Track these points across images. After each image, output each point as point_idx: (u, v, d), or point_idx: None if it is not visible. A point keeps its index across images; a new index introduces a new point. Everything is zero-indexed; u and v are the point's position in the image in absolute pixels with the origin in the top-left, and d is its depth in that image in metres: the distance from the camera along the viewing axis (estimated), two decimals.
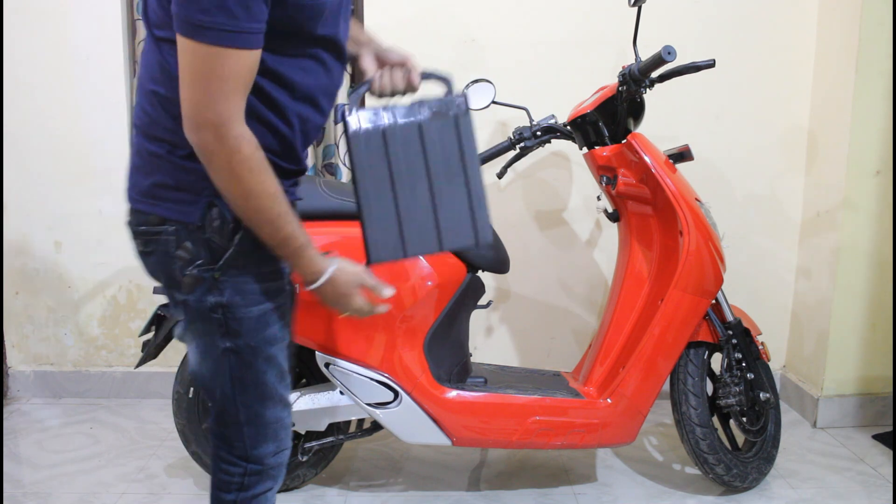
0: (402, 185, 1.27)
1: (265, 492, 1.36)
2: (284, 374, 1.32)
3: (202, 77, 1.07)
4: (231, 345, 1.25)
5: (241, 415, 1.30)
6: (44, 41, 2.62)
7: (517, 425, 2.00)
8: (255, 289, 1.24)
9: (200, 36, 1.04)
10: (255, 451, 1.32)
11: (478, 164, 1.31)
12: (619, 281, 2.17)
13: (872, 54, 2.39)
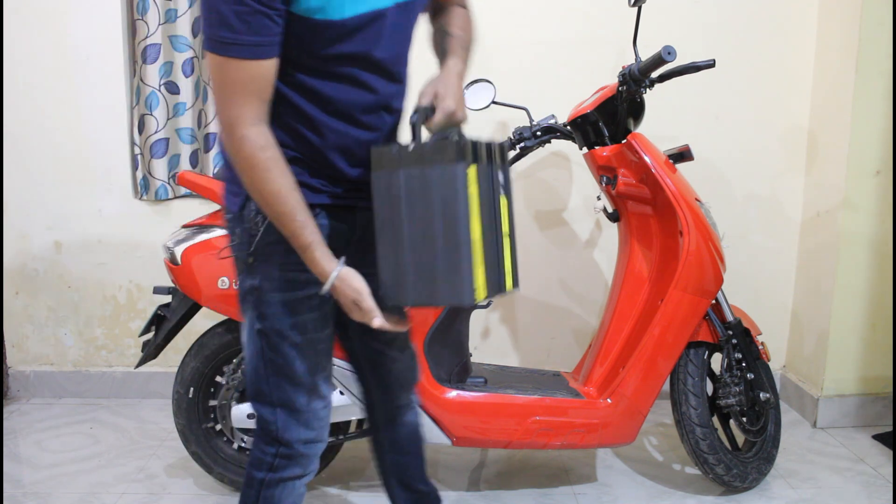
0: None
1: (293, 478, 1.42)
2: (320, 366, 1.38)
3: (217, 84, 1.21)
4: (261, 327, 1.35)
5: (274, 397, 1.38)
6: (44, 41, 2.62)
7: (517, 425, 2.00)
8: (280, 277, 1.33)
9: (212, 48, 1.18)
10: (287, 436, 1.38)
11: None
12: (619, 281, 2.17)
13: (872, 54, 2.39)
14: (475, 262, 1.27)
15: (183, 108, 2.65)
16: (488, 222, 1.31)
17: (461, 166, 1.23)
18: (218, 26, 1.15)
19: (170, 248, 1.95)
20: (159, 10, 2.57)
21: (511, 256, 1.38)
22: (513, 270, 1.39)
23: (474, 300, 1.28)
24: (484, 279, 1.29)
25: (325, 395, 1.42)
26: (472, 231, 1.26)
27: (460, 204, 1.24)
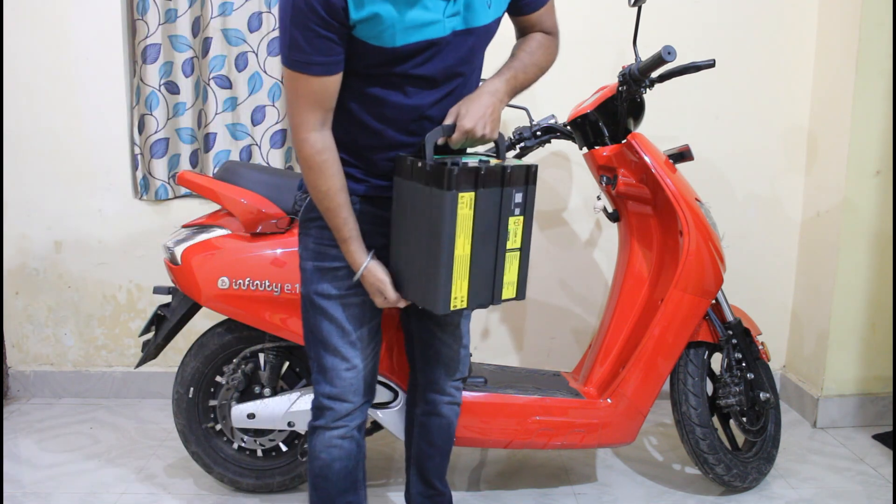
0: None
1: (322, 427, 1.61)
2: (346, 331, 1.56)
3: (289, 93, 1.41)
4: (302, 290, 1.59)
5: (312, 352, 1.61)
6: (44, 41, 2.62)
7: (517, 425, 2.00)
8: (313, 248, 1.55)
9: (287, 65, 1.37)
10: (317, 387, 1.61)
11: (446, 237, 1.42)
12: (619, 281, 2.17)
13: (872, 54, 2.39)
14: (456, 276, 1.43)
15: (183, 108, 2.65)
16: (485, 240, 1.44)
17: (451, 193, 1.36)
18: (292, 48, 1.34)
19: (170, 248, 1.95)
20: (159, 10, 2.57)
21: (519, 269, 1.53)
22: (518, 282, 1.53)
23: (448, 310, 1.44)
24: (466, 292, 1.45)
25: (349, 357, 1.57)
26: (457, 248, 1.41)
27: (445, 225, 1.38)
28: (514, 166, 1.45)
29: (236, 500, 2.13)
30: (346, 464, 1.63)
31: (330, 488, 1.64)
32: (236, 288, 1.89)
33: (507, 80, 1.51)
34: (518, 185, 1.46)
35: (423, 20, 1.36)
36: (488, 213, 1.44)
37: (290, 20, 1.32)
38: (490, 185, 1.42)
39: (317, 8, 1.29)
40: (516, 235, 1.51)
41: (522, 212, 1.50)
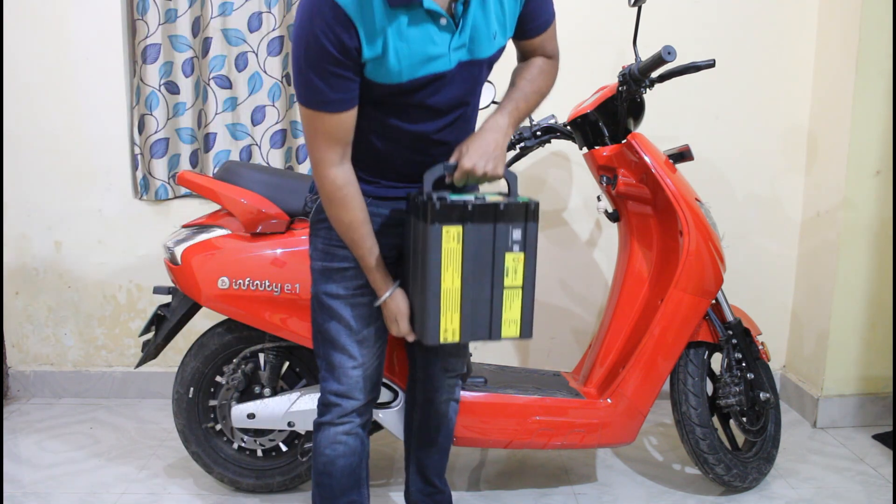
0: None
1: (326, 423, 1.63)
2: (353, 330, 1.58)
3: (307, 130, 1.43)
4: (312, 290, 1.62)
5: (319, 350, 1.63)
6: (44, 41, 2.62)
7: (517, 425, 2.00)
8: (322, 248, 1.57)
9: (303, 103, 1.39)
10: (324, 384, 1.63)
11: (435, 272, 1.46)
12: (619, 281, 2.17)
13: (872, 54, 2.39)
14: (445, 308, 1.46)
15: (183, 108, 2.65)
16: (477, 275, 1.46)
17: (434, 227, 1.41)
18: (307, 87, 1.36)
19: (170, 248, 1.95)
20: (159, 10, 2.57)
21: (523, 307, 1.53)
22: (522, 320, 1.54)
23: (437, 341, 1.48)
24: (458, 325, 1.48)
25: (356, 355, 1.59)
26: (445, 281, 1.45)
27: (431, 257, 1.43)
28: (509, 203, 1.46)
29: (236, 500, 2.13)
30: (349, 461, 1.64)
31: (333, 485, 1.65)
32: (236, 288, 1.89)
33: (509, 113, 1.51)
34: (515, 222, 1.47)
35: (430, 54, 1.38)
36: (481, 249, 1.46)
37: (304, 61, 1.34)
38: (480, 221, 1.44)
39: (330, 49, 1.31)
40: (516, 272, 1.50)
41: (523, 248, 1.49)
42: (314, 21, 1.30)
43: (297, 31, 1.34)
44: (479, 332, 1.51)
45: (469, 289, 1.47)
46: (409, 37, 1.35)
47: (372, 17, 1.32)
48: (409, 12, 1.34)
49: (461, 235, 1.44)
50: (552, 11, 1.54)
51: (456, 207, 1.42)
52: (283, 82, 2.67)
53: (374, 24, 1.32)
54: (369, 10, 1.31)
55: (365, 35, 1.33)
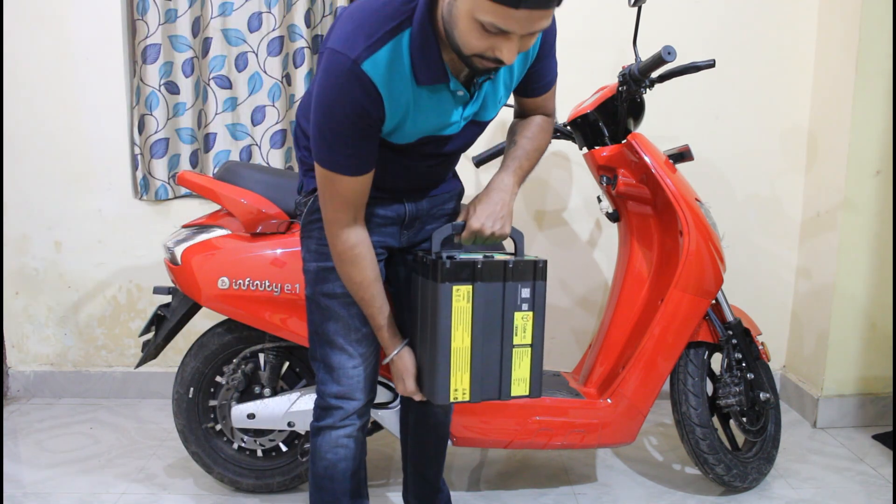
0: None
1: (328, 427, 1.61)
2: (351, 329, 1.57)
3: (323, 190, 1.43)
4: (307, 292, 1.60)
5: (317, 353, 1.61)
6: (44, 41, 2.62)
7: (517, 425, 2.00)
8: (314, 249, 1.57)
9: (321, 164, 1.39)
10: (322, 388, 1.61)
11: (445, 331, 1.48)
12: (619, 281, 2.17)
13: (872, 54, 2.39)
14: (455, 368, 1.47)
15: (183, 108, 2.65)
16: (487, 334, 1.47)
17: (444, 286, 1.42)
18: (328, 149, 1.36)
19: (170, 248, 1.95)
20: (159, 10, 2.57)
21: (531, 366, 1.53)
22: (531, 379, 1.53)
23: (446, 401, 1.48)
24: (468, 384, 1.48)
25: (355, 355, 1.58)
26: (455, 340, 1.46)
27: (441, 316, 1.44)
28: (518, 261, 1.47)
29: (236, 500, 2.13)
30: (350, 464, 1.64)
31: (335, 488, 1.64)
32: (236, 288, 1.89)
33: (514, 172, 1.53)
34: (524, 281, 1.48)
35: (442, 123, 1.41)
36: (490, 309, 1.47)
37: (326, 126, 1.33)
38: (490, 280, 1.46)
39: (355, 120, 1.32)
40: (525, 331, 1.51)
41: (531, 307, 1.50)
42: (343, 90, 1.29)
43: (323, 97, 1.32)
44: (489, 392, 1.51)
45: (479, 348, 1.48)
46: (427, 108, 1.37)
47: (398, 92, 1.33)
48: (432, 88, 1.36)
49: (471, 294, 1.45)
50: (555, 73, 1.57)
51: (466, 266, 1.43)
52: (282, 82, 2.67)
53: (399, 98, 1.33)
54: (397, 85, 1.32)
55: (389, 107, 1.33)
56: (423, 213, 1.62)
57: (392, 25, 1.29)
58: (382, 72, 1.29)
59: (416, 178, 1.56)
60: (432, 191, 1.63)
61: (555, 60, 1.54)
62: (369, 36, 1.28)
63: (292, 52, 2.65)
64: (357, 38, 1.28)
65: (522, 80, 1.52)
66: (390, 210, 1.57)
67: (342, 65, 1.28)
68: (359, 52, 1.27)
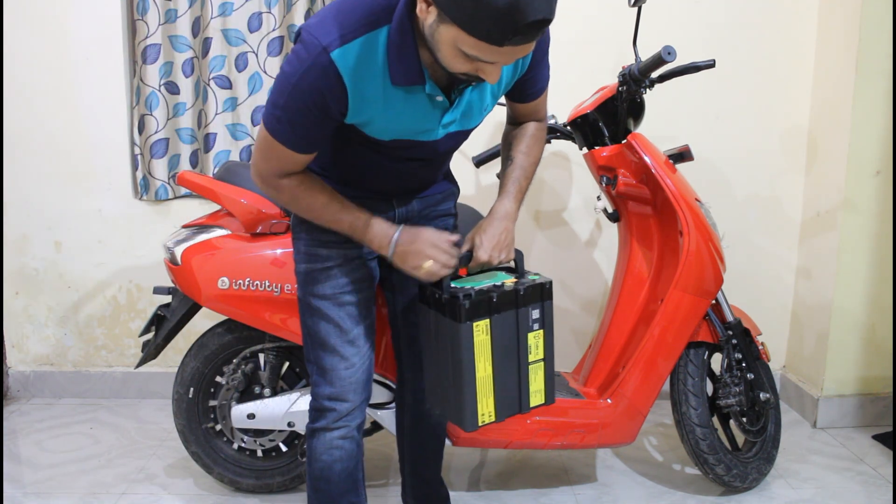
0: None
1: (321, 429, 1.61)
2: (343, 330, 1.56)
3: (260, 147, 1.39)
4: (299, 294, 1.60)
5: (310, 354, 1.61)
6: (44, 41, 2.62)
7: (517, 425, 2.00)
8: (304, 250, 1.56)
9: (267, 125, 1.36)
10: (317, 389, 1.60)
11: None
12: (619, 281, 2.17)
13: (872, 54, 2.39)
14: (481, 395, 1.50)
15: (183, 108, 2.65)
16: (506, 359, 1.52)
17: (465, 325, 1.45)
18: (279, 121, 1.33)
19: (170, 248, 1.95)
20: (159, 10, 2.57)
21: (545, 377, 1.58)
22: (546, 388, 1.59)
23: (476, 427, 1.52)
24: (493, 407, 1.53)
25: (348, 356, 1.57)
26: (478, 371, 1.49)
27: (464, 354, 1.46)
28: (527, 287, 1.51)
29: (236, 500, 2.13)
30: (346, 465, 1.63)
31: (332, 490, 1.64)
32: (236, 288, 1.89)
33: (514, 196, 1.56)
34: (534, 303, 1.52)
35: (419, 128, 1.39)
36: (506, 335, 1.51)
37: (283, 102, 1.31)
38: (504, 310, 1.49)
39: (311, 108, 1.30)
40: (538, 348, 1.57)
41: (542, 325, 1.55)
42: (307, 75, 1.27)
43: (288, 76, 1.29)
44: (512, 409, 1.56)
45: (500, 372, 1.52)
46: (400, 109, 1.35)
47: (367, 88, 1.30)
48: (407, 89, 1.33)
49: (489, 327, 1.48)
50: (548, 77, 1.56)
51: (484, 302, 1.46)
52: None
53: (366, 95, 1.31)
54: (367, 82, 1.30)
55: (354, 103, 1.31)
56: (413, 215, 1.62)
57: (370, 20, 1.27)
58: (351, 64, 1.27)
59: (402, 179, 1.55)
60: (422, 192, 1.62)
61: (547, 66, 1.53)
62: (344, 26, 1.26)
63: None
64: (332, 26, 1.26)
65: (514, 86, 1.50)
66: (378, 209, 1.55)
67: (312, 49, 1.26)
68: (330, 40, 1.25)
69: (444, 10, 1.15)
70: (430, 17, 1.20)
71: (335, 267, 1.55)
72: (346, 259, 1.56)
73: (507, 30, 1.12)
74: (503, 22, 1.11)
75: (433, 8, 1.19)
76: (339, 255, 1.55)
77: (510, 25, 1.12)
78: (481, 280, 1.54)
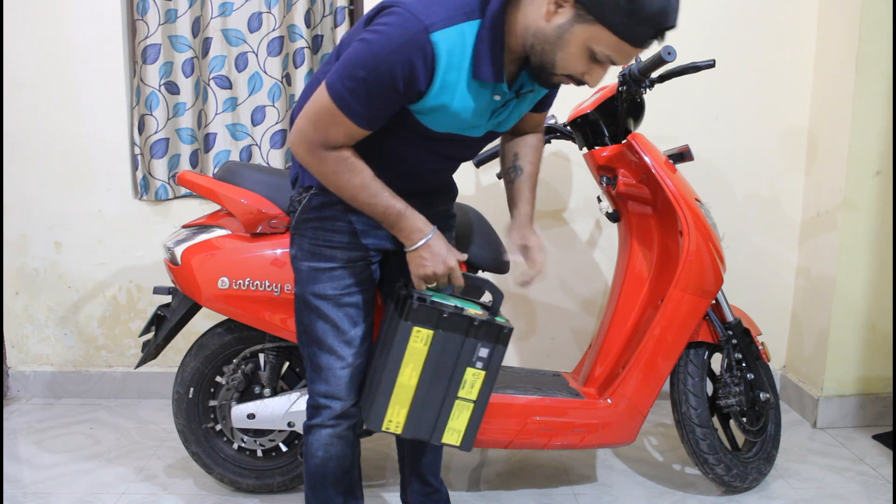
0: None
1: (317, 426, 1.62)
2: (340, 331, 1.57)
3: (319, 113, 1.37)
4: (296, 290, 1.60)
5: (305, 352, 1.62)
6: (44, 41, 2.62)
7: (517, 425, 2.00)
8: (309, 248, 1.56)
9: (332, 94, 1.34)
10: (312, 386, 1.62)
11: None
12: (619, 281, 2.17)
13: (872, 54, 2.39)
14: (395, 401, 1.50)
15: (183, 108, 2.65)
16: (435, 380, 1.49)
17: (406, 324, 1.45)
18: (351, 91, 1.32)
19: (170, 248, 1.95)
20: (159, 10, 2.57)
21: (469, 421, 1.54)
22: (466, 432, 1.55)
23: (378, 428, 1.51)
24: (404, 419, 1.51)
25: (344, 356, 1.58)
26: (402, 376, 1.48)
27: (394, 351, 1.47)
28: (484, 322, 1.48)
29: (236, 500, 2.13)
30: (342, 462, 1.64)
31: (327, 486, 1.65)
32: (236, 288, 1.89)
33: (531, 202, 1.66)
34: (485, 341, 1.50)
35: (472, 123, 1.42)
36: (444, 357, 1.48)
37: (366, 73, 1.30)
38: (451, 330, 1.47)
39: (398, 82, 1.30)
40: (473, 387, 1.53)
41: (485, 367, 1.52)
42: (402, 50, 1.28)
43: (378, 47, 1.29)
44: (422, 432, 1.53)
45: (423, 390, 1.50)
46: (469, 103, 1.38)
47: (450, 75, 1.33)
48: (481, 86, 1.37)
49: (430, 340, 1.47)
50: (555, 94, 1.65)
51: (433, 312, 1.45)
52: (282, 82, 2.67)
53: (448, 81, 1.34)
54: (453, 69, 1.33)
55: (435, 87, 1.34)
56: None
57: (466, 11, 1.32)
58: (446, 48, 1.30)
59: (426, 179, 1.58)
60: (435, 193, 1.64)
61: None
62: (445, 11, 1.30)
63: (292, 53, 2.65)
64: (435, 9, 1.30)
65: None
66: None
67: (412, 27, 1.28)
68: (432, 22, 1.28)
69: (590, 10, 1.24)
70: (560, 17, 1.27)
71: (339, 268, 1.56)
72: (351, 261, 1.57)
73: (652, 32, 1.24)
74: (651, 24, 1.23)
75: (568, 9, 1.26)
76: (344, 257, 1.56)
77: (655, 28, 1.24)
78: (451, 299, 1.53)
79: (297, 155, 1.43)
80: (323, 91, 1.36)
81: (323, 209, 1.54)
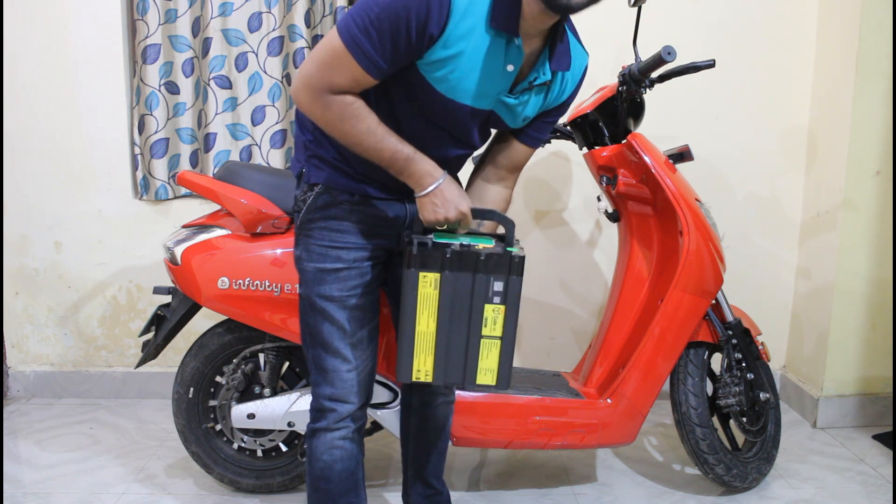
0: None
1: (322, 429, 1.60)
2: (347, 333, 1.56)
3: (324, 56, 1.35)
4: (301, 292, 1.59)
5: (310, 354, 1.60)
6: (44, 41, 2.62)
7: (517, 425, 2.00)
8: (314, 248, 1.54)
9: (343, 36, 1.32)
10: (317, 389, 1.60)
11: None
12: (619, 281, 2.17)
13: (872, 54, 2.39)
14: (419, 350, 1.48)
15: (183, 108, 2.65)
16: (454, 322, 1.47)
17: (410, 271, 1.43)
18: (364, 23, 1.30)
19: (170, 248, 1.95)
20: (159, 10, 2.57)
21: (500, 358, 1.50)
22: (499, 370, 1.51)
23: (408, 379, 1.49)
24: (431, 366, 1.49)
25: (350, 358, 1.57)
26: (419, 324, 1.46)
27: (407, 301, 1.45)
28: (491, 254, 1.45)
29: (236, 500, 2.13)
30: (347, 465, 1.63)
31: (332, 490, 1.64)
32: (236, 288, 1.89)
33: None
34: (497, 274, 1.46)
35: (480, 91, 1.40)
36: (458, 297, 1.46)
37: (380, 9, 1.28)
38: (459, 269, 1.44)
39: (411, 26, 1.28)
40: (495, 323, 1.49)
41: (503, 301, 1.47)
42: None
43: None
44: (454, 377, 1.50)
45: (444, 334, 1.47)
46: (479, 61, 1.36)
47: (466, 20, 1.31)
48: (496, 39, 1.35)
49: (438, 282, 1.44)
50: (547, 138, 1.62)
51: (435, 254, 1.42)
52: (282, 82, 2.67)
53: (462, 27, 1.32)
54: (469, 15, 1.31)
55: (450, 31, 1.31)
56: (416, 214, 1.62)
57: None
58: None
59: None
60: None
61: (551, 129, 1.61)
62: None
63: (292, 53, 2.65)
64: None
65: (532, 119, 1.55)
66: (391, 211, 1.57)
67: None
68: None
69: None
70: None
71: (345, 269, 1.55)
72: (357, 261, 1.56)
73: None
74: None
75: None
76: (350, 258, 1.55)
77: None
78: (457, 237, 1.50)
79: (301, 103, 1.40)
80: (333, 32, 1.34)
81: (329, 208, 1.53)
